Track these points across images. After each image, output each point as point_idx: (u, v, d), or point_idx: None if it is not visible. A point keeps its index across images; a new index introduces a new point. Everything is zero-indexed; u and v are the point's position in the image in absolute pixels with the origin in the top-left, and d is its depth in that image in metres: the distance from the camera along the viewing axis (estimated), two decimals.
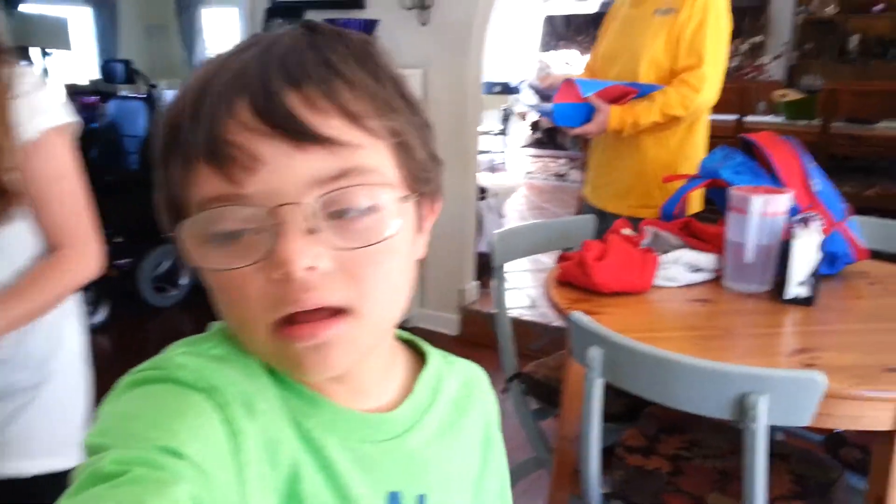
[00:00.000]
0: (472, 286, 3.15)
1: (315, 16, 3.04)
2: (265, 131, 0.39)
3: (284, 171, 0.40)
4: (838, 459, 1.38)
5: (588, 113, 1.93)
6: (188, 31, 6.08)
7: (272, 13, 3.16)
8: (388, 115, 0.43)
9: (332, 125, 0.40)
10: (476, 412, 0.57)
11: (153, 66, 5.39)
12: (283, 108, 0.39)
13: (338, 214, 0.41)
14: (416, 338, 0.57)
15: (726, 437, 1.31)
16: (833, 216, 1.47)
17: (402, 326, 0.51)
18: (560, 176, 6.91)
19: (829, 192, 1.52)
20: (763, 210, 1.33)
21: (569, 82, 1.95)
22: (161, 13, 6.07)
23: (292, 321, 0.41)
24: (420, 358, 0.56)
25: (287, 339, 0.41)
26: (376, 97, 0.42)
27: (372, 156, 0.42)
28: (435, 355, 0.56)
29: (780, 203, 1.34)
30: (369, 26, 2.84)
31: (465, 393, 0.57)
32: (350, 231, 0.41)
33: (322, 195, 0.40)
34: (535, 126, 7.14)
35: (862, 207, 1.61)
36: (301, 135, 0.39)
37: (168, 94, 3.55)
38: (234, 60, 0.42)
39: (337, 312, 0.41)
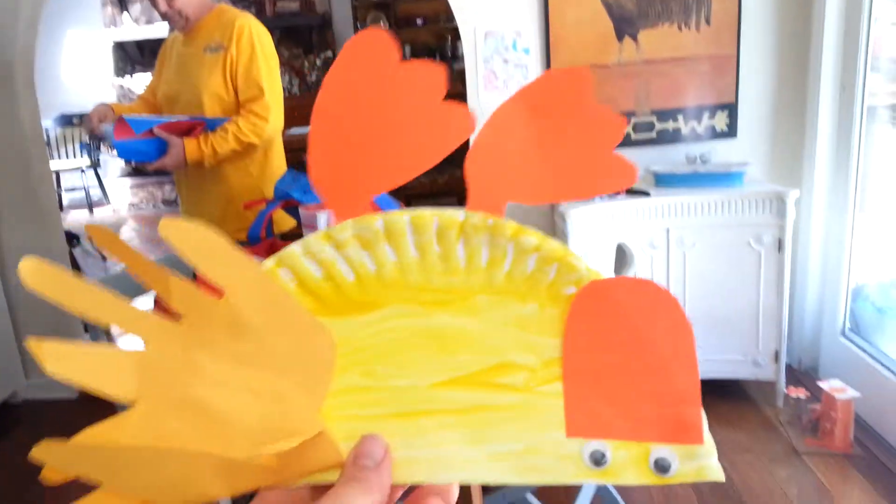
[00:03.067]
0: (85, 339, 2.87)
1: None
2: None
3: None
4: None
5: (161, 147, 1.93)
6: None
7: None
8: None
9: None
10: None
11: None
12: None
13: None
14: None
15: None
16: None
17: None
18: (169, 202, 6.62)
19: (386, 200, 1.80)
20: (329, 223, 1.53)
21: (121, 120, 1.90)
22: None
23: None
24: None
25: None
26: None
27: None
28: None
29: None
30: None
31: None
32: None
33: None
34: None
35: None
36: None
37: None
38: None
39: None
